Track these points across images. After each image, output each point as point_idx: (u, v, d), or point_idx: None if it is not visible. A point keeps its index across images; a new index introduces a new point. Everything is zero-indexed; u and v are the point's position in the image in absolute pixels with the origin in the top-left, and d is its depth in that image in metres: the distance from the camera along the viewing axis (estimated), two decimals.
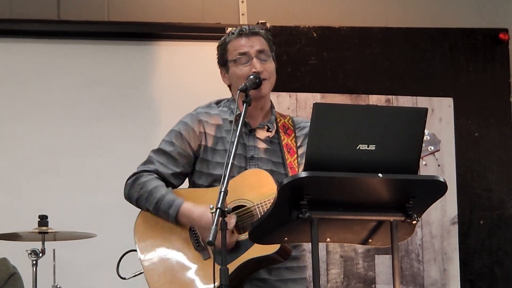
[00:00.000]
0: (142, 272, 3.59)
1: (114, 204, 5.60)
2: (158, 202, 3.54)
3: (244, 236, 3.43)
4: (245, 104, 3.42)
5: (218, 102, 3.76)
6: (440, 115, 6.07)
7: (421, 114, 3.02)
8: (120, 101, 5.78)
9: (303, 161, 3.59)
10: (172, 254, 3.53)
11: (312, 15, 6.16)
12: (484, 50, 6.23)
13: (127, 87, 5.80)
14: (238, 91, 3.43)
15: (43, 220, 4.73)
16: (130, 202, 3.67)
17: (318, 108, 2.96)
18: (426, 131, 3.65)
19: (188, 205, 3.52)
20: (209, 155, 3.60)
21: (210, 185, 3.60)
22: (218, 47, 3.72)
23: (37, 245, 4.69)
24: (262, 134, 3.67)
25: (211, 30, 5.85)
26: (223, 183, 3.12)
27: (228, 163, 3.17)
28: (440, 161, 6.03)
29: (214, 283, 3.11)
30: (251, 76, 3.53)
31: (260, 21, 5.96)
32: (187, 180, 3.74)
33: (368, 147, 2.96)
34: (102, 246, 5.36)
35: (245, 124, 3.58)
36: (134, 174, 3.66)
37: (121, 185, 5.84)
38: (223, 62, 3.67)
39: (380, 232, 3.12)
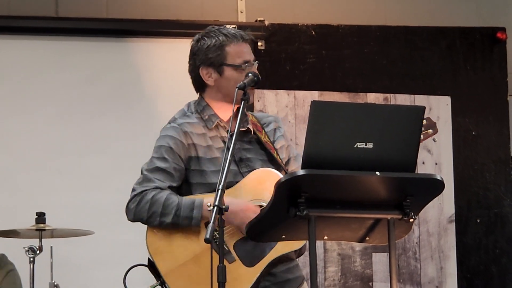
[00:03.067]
0: (158, 284, 3.49)
1: (111, 201, 5.60)
2: (178, 211, 3.44)
3: None
4: (243, 102, 3.41)
5: (188, 108, 3.69)
6: (438, 114, 6.08)
7: (418, 113, 3.03)
8: (119, 98, 5.78)
9: (283, 156, 3.61)
10: (194, 261, 3.46)
11: (310, 13, 6.16)
12: (482, 49, 6.23)
13: (125, 84, 5.80)
14: (236, 89, 3.41)
15: (40, 217, 4.73)
16: (139, 222, 3.55)
17: (316, 106, 2.96)
18: None
19: (210, 200, 3.37)
20: (203, 165, 3.55)
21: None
22: (211, 46, 3.58)
23: (35, 242, 4.69)
24: (241, 135, 3.61)
25: None
26: (220, 181, 3.10)
27: (225, 167, 3.15)
28: (437, 159, 6.05)
29: (211, 282, 3.10)
30: (250, 74, 3.51)
31: (258, 19, 5.97)
32: None
33: (365, 145, 2.96)
34: (100, 244, 5.37)
35: (225, 129, 3.58)
36: (135, 196, 3.52)
37: (120, 182, 5.82)
38: (218, 63, 3.58)
39: (377, 230, 3.13)
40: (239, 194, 3.51)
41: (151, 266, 3.53)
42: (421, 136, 3.66)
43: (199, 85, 3.67)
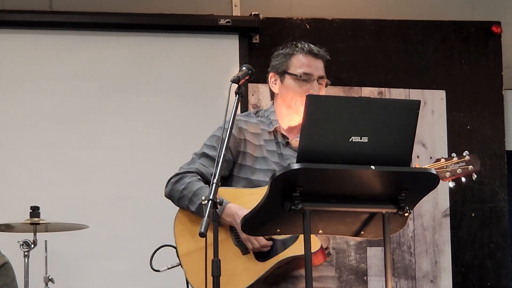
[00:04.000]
0: (178, 265, 3.57)
1: (106, 195, 5.60)
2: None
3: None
4: (237, 96, 3.43)
5: (256, 112, 3.83)
6: (433, 108, 6.08)
7: (413, 107, 3.02)
8: (113, 93, 5.77)
9: None
10: (212, 248, 3.50)
11: (305, 7, 6.16)
12: (477, 43, 6.23)
13: (120, 78, 5.79)
14: (231, 83, 3.43)
15: (35, 211, 4.73)
16: (170, 200, 3.68)
17: (311, 100, 2.96)
18: (466, 152, 3.76)
19: (234, 206, 3.53)
20: (249, 161, 3.65)
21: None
22: (280, 54, 3.74)
23: (29, 236, 4.69)
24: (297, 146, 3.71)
25: (203, 21, 5.86)
26: (214, 175, 3.13)
27: (219, 162, 3.17)
28: (432, 153, 6.05)
29: (206, 276, 3.10)
30: (244, 68, 3.54)
31: (253, 13, 5.95)
32: None
33: (360, 139, 2.96)
34: (94, 238, 5.36)
35: (282, 136, 3.69)
36: (177, 174, 3.67)
37: (114, 177, 5.83)
38: (282, 70, 3.70)
39: (372, 224, 3.13)
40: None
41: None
42: (460, 170, 3.71)
43: (271, 91, 3.79)
